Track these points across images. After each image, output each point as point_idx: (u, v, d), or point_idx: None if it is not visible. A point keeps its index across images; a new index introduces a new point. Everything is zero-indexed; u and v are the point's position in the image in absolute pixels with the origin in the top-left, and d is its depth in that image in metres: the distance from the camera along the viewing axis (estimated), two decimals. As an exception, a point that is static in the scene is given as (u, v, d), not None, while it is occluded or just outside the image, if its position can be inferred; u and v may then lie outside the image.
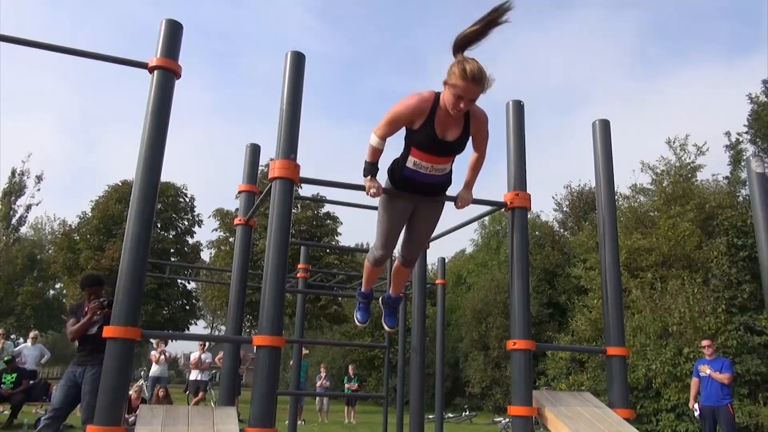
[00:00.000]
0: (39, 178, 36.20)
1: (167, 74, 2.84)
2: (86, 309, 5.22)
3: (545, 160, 63.63)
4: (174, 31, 2.91)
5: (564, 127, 73.33)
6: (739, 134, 20.04)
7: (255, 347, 2.70)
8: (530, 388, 3.08)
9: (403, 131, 3.04)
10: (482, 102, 2.94)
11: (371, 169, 3.04)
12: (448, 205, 3.32)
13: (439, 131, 2.92)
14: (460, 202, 3.24)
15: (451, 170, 3.19)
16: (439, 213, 3.35)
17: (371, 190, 3.02)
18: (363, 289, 3.84)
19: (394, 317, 3.88)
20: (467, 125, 2.99)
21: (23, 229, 38.24)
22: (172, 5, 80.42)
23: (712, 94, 65.76)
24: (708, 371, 8.02)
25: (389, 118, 2.94)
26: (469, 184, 3.29)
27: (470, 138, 3.07)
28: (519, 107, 3.50)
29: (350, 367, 17.17)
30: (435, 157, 3.01)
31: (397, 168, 3.12)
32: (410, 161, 3.02)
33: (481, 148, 3.21)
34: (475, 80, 2.73)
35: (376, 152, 3.02)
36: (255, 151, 4.42)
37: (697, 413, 8.31)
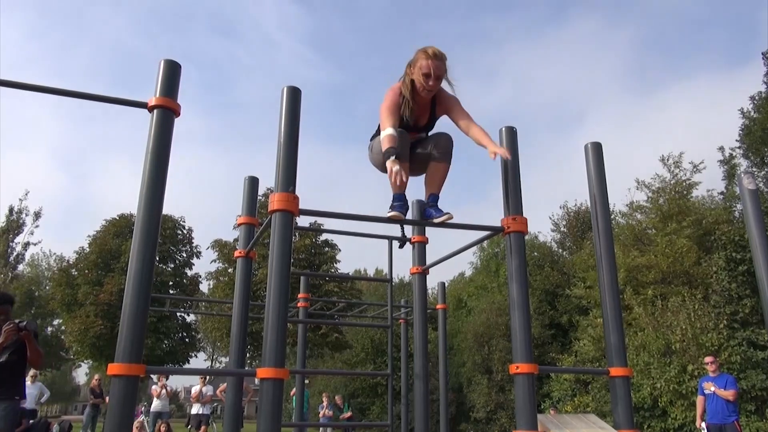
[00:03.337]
0: (37, 215, 36.25)
1: (167, 113, 2.90)
2: None
3: (542, 179, 63.97)
4: (173, 71, 2.97)
5: (560, 143, 74.05)
6: (732, 149, 20.25)
7: (259, 380, 2.71)
8: (535, 411, 3.08)
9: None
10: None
11: (394, 151, 3.10)
12: (442, 232, 3.36)
13: (412, 120, 3.39)
14: (499, 151, 3.20)
15: (426, 135, 3.54)
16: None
17: (396, 176, 3.00)
18: (395, 192, 3.38)
19: (439, 210, 3.44)
20: (434, 110, 3.44)
21: (20, 267, 38.11)
22: (162, 36, 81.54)
23: (709, 107, 66.52)
24: (712, 388, 7.98)
25: (389, 110, 3.24)
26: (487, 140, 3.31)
27: (438, 118, 3.47)
28: (512, 133, 3.56)
29: (336, 398, 16.80)
30: (410, 134, 3.43)
31: (376, 142, 3.37)
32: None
33: (472, 125, 3.36)
34: (437, 57, 3.23)
35: (394, 138, 3.15)
36: (253, 183, 4.47)
37: (704, 432, 8.25)
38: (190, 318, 27.25)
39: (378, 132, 3.38)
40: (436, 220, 3.41)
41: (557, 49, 71.91)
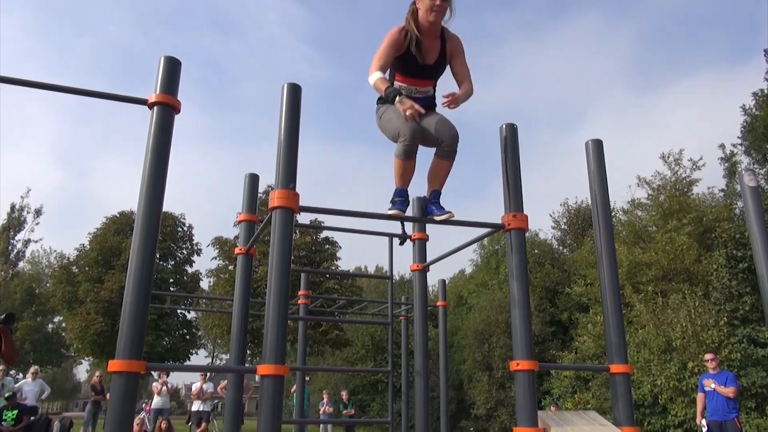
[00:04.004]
0: (38, 212, 36.28)
1: (167, 110, 2.90)
2: None
3: (543, 177, 63.97)
4: (173, 68, 2.97)
5: (561, 140, 73.97)
6: (733, 146, 20.23)
7: (259, 377, 2.71)
8: (535, 408, 3.08)
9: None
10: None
11: (394, 90, 3.14)
12: (442, 229, 3.35)
13: (420, 56, 3.32)
14: (452, 95, 3.26)
15: (434, 94, 3.49)
16: (434, 114, 3.47)
17: (408, 111, 3.01)
18: (398, 186, 3.45)
19: (441, 207, 3.48)
20: (444, 49, 3.39)
21: (21, 264, 38.13)
22: (163, 33, 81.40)
23: (712, 104, 66.42)
24: (713, 385, 7.97)
25: (379, 53, 3.26)
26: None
27: (448, 64, 3.43)
28: (513, 130, 3.56)
29: (343, 394, 16.83)
30: (417, 80, 3.39)
31: (386, 111, 3.38)
32: (396, 86, 3.32)
33: (466, 79, 3.42)
34: None
35: (385, 80, 3.21)
36: (254, 180, 4.47)
37: (705, 429, 8.24)
38: (191, 315, 27.28)
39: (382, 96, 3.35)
40: (437, 218, 3.42)
41: (558, 45, 71.87)
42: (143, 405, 14.40)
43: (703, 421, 8.19)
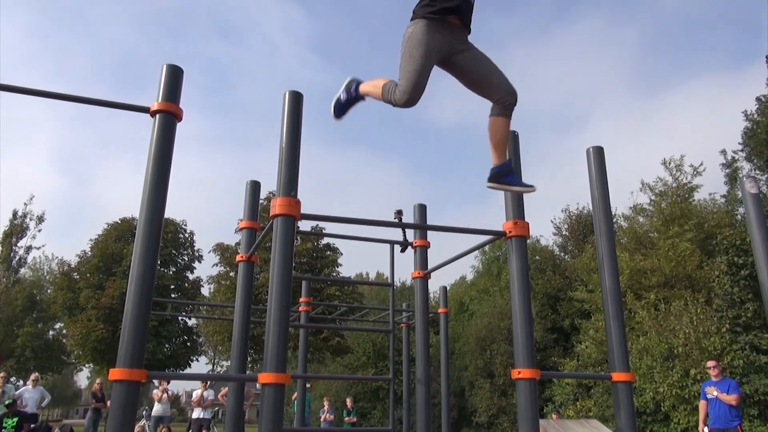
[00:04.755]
0: (40, 219, 36.35)
1: (169, 117, 2.90)
2: None
3: (545, 182, 63.89)
4: (175, 76, 2.98)
5: (562, 146, 73.96)
6: (735, 152, 20.21)
7: (260, 385, 2.70)
8: (537, 417, 3.07)
9: None
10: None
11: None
12: (443, 236, 3.34)
13: None
14: None
15: None
16: (480, 52, 3.03)
17: None
18: (358, 91, 3.07)
19: (515, 176, 3.10)
20: None
21: (22, 270, 38.15)
22: (160, 37, 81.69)
23: (715, 109, 66.37)
24: (715, 393, 7.94)
25: None
26: None
27: None
28: (513, 137, 3.57)
29: (348, 400, 16.81)
30: None
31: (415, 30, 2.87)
32: None
33: None
34: None
35: None
36: (255, 187, 4.47)
37: (707, 436, 8.20)
38: (192, 322, 27.24)
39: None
40: (516, 189, 3.10)
41: (561, 49, 72.00)
42: (144, 411, 14.36)
43: (706, 429, 8.14)
